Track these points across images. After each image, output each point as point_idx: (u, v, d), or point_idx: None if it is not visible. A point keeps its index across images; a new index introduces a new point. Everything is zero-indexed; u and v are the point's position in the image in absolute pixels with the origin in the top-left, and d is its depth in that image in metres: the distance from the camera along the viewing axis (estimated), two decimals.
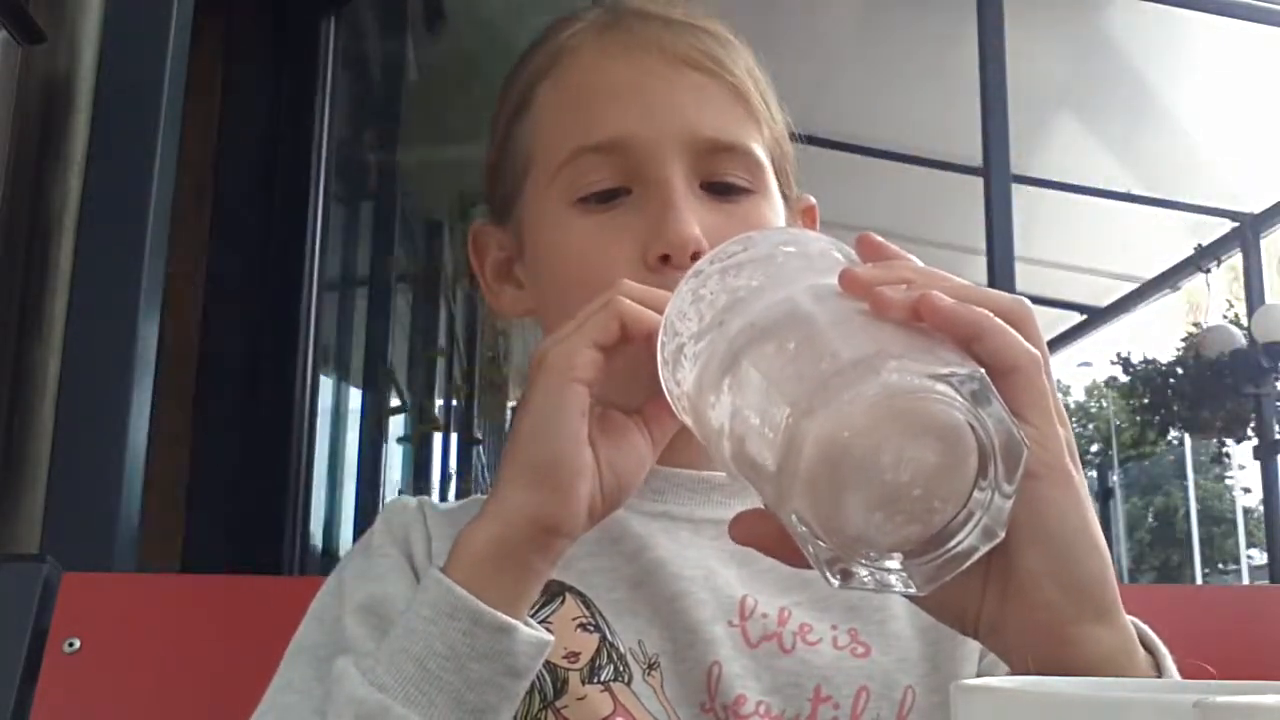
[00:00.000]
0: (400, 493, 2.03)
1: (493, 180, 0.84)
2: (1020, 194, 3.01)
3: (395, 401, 3.69)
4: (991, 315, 0.52)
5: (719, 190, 0.75)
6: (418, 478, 4.02)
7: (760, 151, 0.77)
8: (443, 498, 4.00)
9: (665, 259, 0.71)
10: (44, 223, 1.30)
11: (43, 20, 1.28)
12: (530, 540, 0.61)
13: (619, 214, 0.74)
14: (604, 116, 0.75)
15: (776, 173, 0.79)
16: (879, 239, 0.57)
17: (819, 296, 0.51)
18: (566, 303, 0.73)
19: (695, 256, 0.71)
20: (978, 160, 2.84)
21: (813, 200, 0.86)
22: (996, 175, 2.73)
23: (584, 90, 0.77)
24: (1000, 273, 2.66)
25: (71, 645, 0.89)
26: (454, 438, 5.52)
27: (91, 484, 1.26)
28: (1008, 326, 0.52)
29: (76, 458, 1.26)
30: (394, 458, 3.82)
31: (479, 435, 6.59)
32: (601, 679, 0.70)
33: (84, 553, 1.22)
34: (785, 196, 0.81)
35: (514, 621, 0.60)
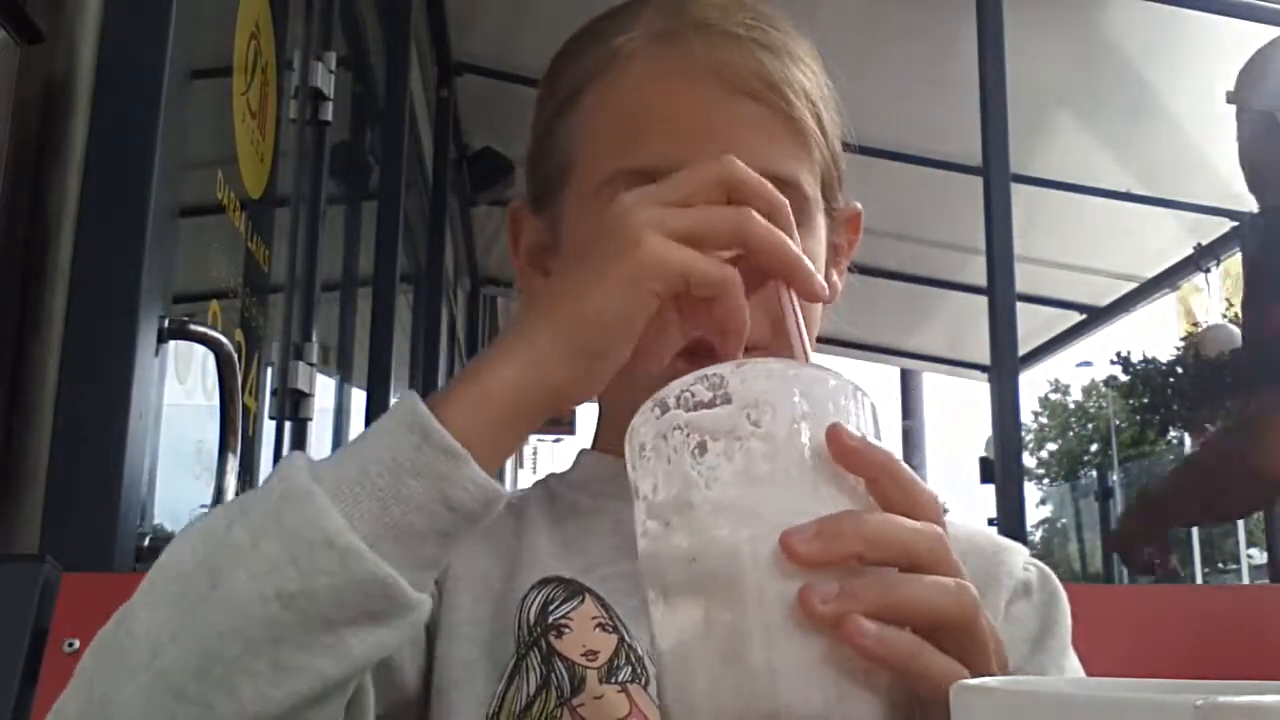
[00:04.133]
0: None
1: (533, 166, 0.83)
2: (1020, 194, 3.00)
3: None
4: (918, 647, 0.50)
5: None
6: None
7: (808, 182, 0.76)
8: None
9: None
10: (43, 222, 1.30)
11: (41, 20, 1.27)
12: (547, 406, 0.60)
13: None
14: (648, 141, 0.73)
15: (825, 189, 0.78)
16: (848, 440, 0.52)
17: (757, 563, 0.49)
18: None
19: None
20: (978, 160, 2.84)
21: (859, 207, 0.85)
22: (996, 175, 2.73)
23: (633, 108, 0.75)
24: (1000, 273, 2.65)
25: (71, 645, 0.89)
26: None
27: (91, 484, 1.26)
28: (934, 653, 0.51)
29: (76, 458, 1.26)
30: None
31: None
32: (619, 679, 0.70)
33: (84, 553, 1.22)
34: (832, 210, 0.80)
35: (466, 453, 0.57)
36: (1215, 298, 6.43)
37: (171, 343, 1.43)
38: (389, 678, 0.70)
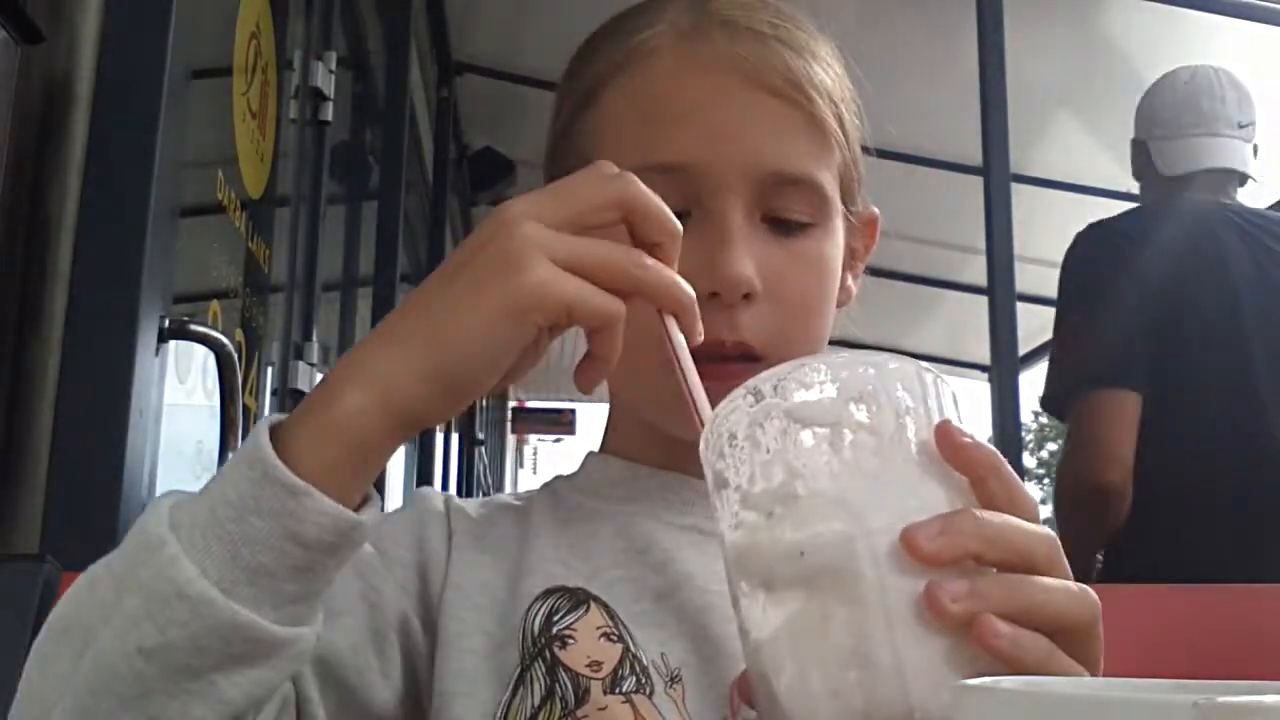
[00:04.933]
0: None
1: (551, 159, 0.82)
2: (1020, 194, 3.00)
3: None
4: (1049, 651, 0.50)
5: (779, 224, 0.73)
6: (419, 477, 4.02)
7: (828, 183, 0.75)
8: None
9: (714, 294, 0.70)
10: (44, 222, 1.30)
11: (42, 20, 1.27)
12: (398, 432, 0.58)
13: None
14: (671, 137, 0.73)
15: (844, 192, 0.78)
16: (959, 437, 0.52)
17: (876, 559, 0.48)
18: None
19: (747, 296, 0.71)
20: (978, 160, 2.84)
21: (876, 212, 0.85)
22: (996, 175, 2.73)
23: (655, 104, 0.74)
24: (1000, 273, 2.65)
25: None
26: (455, 437, 5.52)
27: (91, 484, 1.26)
28: (1063, 656, 0.50)
29: (77, 458, 1.26)
30: (395, 457, 3.82)
31: (480, 436, 6.59)
32: (623, 690, 0.70)
33: (84, 553, 1.21)
34: (850, 213, 0.80)
35: (308, 486, 0.55)
36: None
37: (171, 343, 1.43)
38: (354, 699, 0.69)
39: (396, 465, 3.88)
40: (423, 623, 0.73)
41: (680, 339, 0.60)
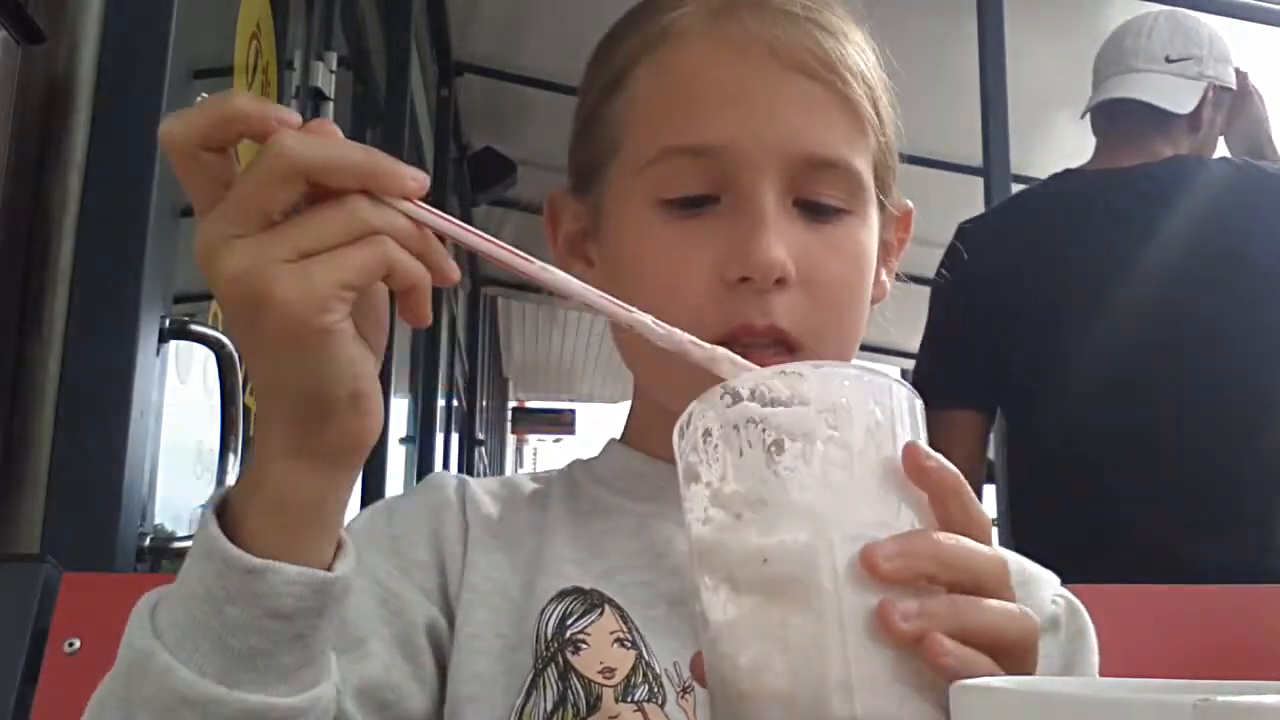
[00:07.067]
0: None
1: (576, 149, 0.80)
2: None
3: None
4: (991, 668, 0.51)
5: (812, 209, 0.72)
6: (418, 478, 4.03)
7: (863, 167, 0.73)
8: None
9: (746, 279, 0.69)
10: (44, 223, 1.30)
11: (43, 20, 1.27)
12: (320, 470, 0.56)
13: (704, 221, 0.71)
14: (703, 119, 0.71)
15: (879, 180, 0.76)
16: (925, 460, 0.52)
17: (836, 572, 0.50)
18: (634, 304, 0.73)
19: (780, 282, 0.69)
20: (978, 160, 2.84)
21: (910, 205, 0.82)
22: (996, 175, 2.73)
23: (686, 86, 0.73)
24: None
25: (71, 645, 0.89)
26: (455, 438, 5.52)
27: (92, 484, 1.26)
28: (1001, 674, 0.51)
29: (77, 458, 1.26)
30: (396, 458, 3.82)
31: (480, 436, 6.60)
32: (635, 698, 0.69)
33: (84, 553, 1.22)
34: (883, 204, 0.77)
35: (266, 563, 0.54)
36: None
37: (172, 343, 1.44)
38: (394, 713, 0.69)
39: (397, 469, 3.88)
40: (447, 619, 0.73)
41: (426, 215, 0.53)
